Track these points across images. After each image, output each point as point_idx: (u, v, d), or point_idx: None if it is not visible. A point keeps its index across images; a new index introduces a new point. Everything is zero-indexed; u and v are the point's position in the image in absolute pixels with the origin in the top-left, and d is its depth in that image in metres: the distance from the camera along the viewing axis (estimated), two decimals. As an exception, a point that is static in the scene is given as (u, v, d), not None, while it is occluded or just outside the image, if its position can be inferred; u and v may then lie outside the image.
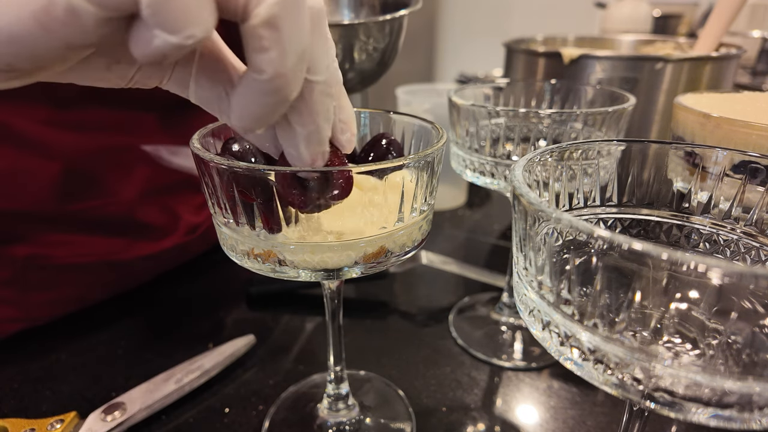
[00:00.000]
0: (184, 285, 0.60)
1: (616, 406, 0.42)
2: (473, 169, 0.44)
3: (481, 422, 0.41)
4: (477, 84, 0.54)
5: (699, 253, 0.28)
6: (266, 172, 0.24)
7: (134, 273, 0.57)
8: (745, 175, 0.26)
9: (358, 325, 0.53)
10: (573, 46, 0.85)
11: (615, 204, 0.29)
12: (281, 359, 0.48)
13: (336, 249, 0.26)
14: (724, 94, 0.42)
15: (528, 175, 0.25)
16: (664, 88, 0.59)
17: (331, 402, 0.41)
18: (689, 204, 0.28)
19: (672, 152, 0.28)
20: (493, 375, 0.46)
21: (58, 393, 0.43)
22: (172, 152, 0.53)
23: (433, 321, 0.54)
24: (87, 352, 0.49)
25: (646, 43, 0.85)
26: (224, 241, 0.29)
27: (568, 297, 0.21)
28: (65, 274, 0.50)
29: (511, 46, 0.72)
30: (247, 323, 0.53)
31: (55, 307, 0.51)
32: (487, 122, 0.42)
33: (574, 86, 0.51)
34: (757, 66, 1.51)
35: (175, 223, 0.57)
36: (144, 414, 0.40)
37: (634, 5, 1.36)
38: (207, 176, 0.26)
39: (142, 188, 0.51)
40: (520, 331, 0.52)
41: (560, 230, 0.21)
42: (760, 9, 1.65)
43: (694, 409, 0.19)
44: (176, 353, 0.47)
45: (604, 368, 0.20)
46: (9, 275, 0.47)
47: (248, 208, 0.25)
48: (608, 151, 0.29)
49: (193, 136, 0.28)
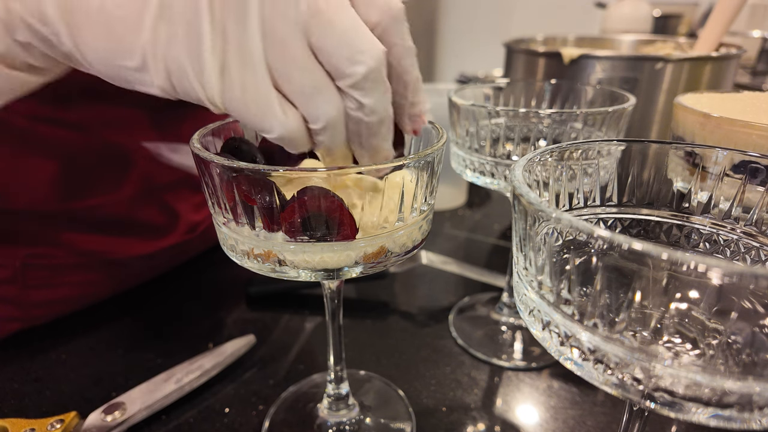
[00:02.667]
0: (184, 285, 0.60)
1: (616, 406, 0.42)
2: (473, 169, 0.44)
3: (481, 422, 0.41)
4: (477, 84, 0.54)
5: (699, 253, 0.28)
6: (267, 172, 0.24)
7: (134, 272, 0.56)
8: (745, 175, 0.26)
9: (358, 325, 0.53)
10: (573, 46, 0.85)
11: (615, 204, 0.29)
12: (281, 359, 0.48)
13: (336, 249, 0.26)
14: (724, 94, 0.42)
15: (528, 175, 0.25)
16: (664, 88, 0.59)
17: (331, 402, 0.41)
18: (689, 204, 0.28)
19: (672, 152, 0.28)
20: (493, 375, 0.46)
21: (58, 393, 0.43)
22: (172, 149, 0.53)
23: (433, 321, 0.54)
24: (87, 352, 0.49)
25: (646, 43, 0.85)
26: (224, 241, 0.29)
27: (568, 297, 0.21)
28: (65, 273, 0.50)
29: (511, 46, 0.72)
30: (247, 323, 0.53)
31: (55, 306, 0.51)
32: (487, 122, 0.42)
33: (574, 86, 0.51)
34: (757, 66, 1.51)
35: (174, 222, 0.57)
36: (144, 414, 0.40)
37: (635, 5, 1.36)
38: (207, 176, 0.26)
39: (140, 187, 0.51)
40: (520, 331, 0.52)
41: (560, 230, 0.21)
42: (760, 9, 1.65)
43: (694, 409, 0.19)
44: (176, 353, 0.47)
45: (604, 368, 0.20)
46: (9, 274, 0.47)
47: (248, 208, 0.25)
48: (608, 151, 0.29)
49: (194, 135, 0.28)
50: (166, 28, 0.21)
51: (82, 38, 0.22)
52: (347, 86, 0.23)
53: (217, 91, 0.22)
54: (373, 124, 0.24)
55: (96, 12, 0.21)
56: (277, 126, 0.22)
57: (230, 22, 0.21)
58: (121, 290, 0.57)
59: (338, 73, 0.22)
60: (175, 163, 0.54)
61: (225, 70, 0.21)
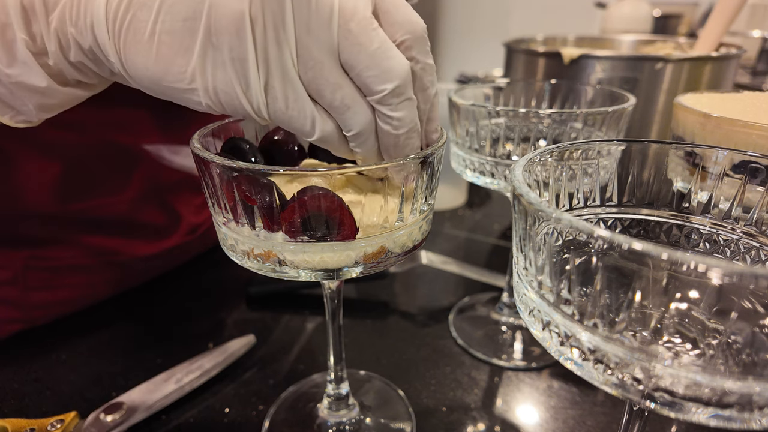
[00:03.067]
0: (184, 285, 0.60)
1: (616, 406, 0.42)
2: (473, 169, 0.44)
3: (481, 422, 0.41)
4: (477, 84, 0.54)
5: (699, 253, 0.28)
6: (267, 172, 0.24)
7: (134, 273, 0.56)
8: (745, 175, 0.26)
9: (358, 325, 0.53)
10: (573, 46, 0.85)
11: (615, 204, 0.29)
12: (281, 359, 0.48)
13: (336, 249, 0.26)
14: (724, 94, 0.42)
15: (528, 175, 0.25)
16: (664, 88, 0.59)
17: (331, 402, 0.41)
18: (689, 204, 0.28)
19: (672, 152, 0.28)
20: (493, 375, 0.46)
21: (58, 393, 0.43)
22: (173, 151, 0.53)
23: (433, 321, 0.54)
24: (87, 352, 0.49)
25: (646, 43, 0.85)
26: (224, 241, 0.29)
27: (568, 297, 0.21)
28: (66, 274, 0.50)
29: (511, 46, 0.72)
30: (247, 323, 0.53)
31: (56, 307, 0.51)
32: (487, 122, 0.42)
33: (574, 86, 0.51)
34: (757, 66, 1.51)
35: (176, 224, 0.57)
36: (144, 414, 0.40)
37: (634, 5, 1.36)
38: (207, 176, 0.26)
39: (142, 188, 0.51)
40: (520, 331, 0.52)
41: (560, 230, 0.21)
42: (760, 9, 1.65)
43: (694, 409, 0.19)
44: (176, 353, 0.47)
45: (604, 368, 0.20)
46: (9, 276, 0.47)
47: (248, 208, 0.25)
48: (608, 151, 0.29)
49: (194, 136, 0.28)
50: (213, 54, 0.23)
51: (132, 61, 0.24)
52: (376, 102, 0.25)
53: (264, 106, 0.24)
54: (401, 136, 0.26)
55: (147, 38, 0.23)
56: (317, 131, 0.25)
57: (271, 46, 0.23)
58: (122, 291, 0.57)
59: (368, 89, 0.25)
60: (176, 165, 0.54)
61: (269, 87, 0.24)
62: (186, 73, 0.23)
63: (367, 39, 0.23)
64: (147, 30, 0.23)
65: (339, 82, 0.24)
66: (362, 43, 0.23)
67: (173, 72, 0.24)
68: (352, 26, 0.23)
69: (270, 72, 0.23)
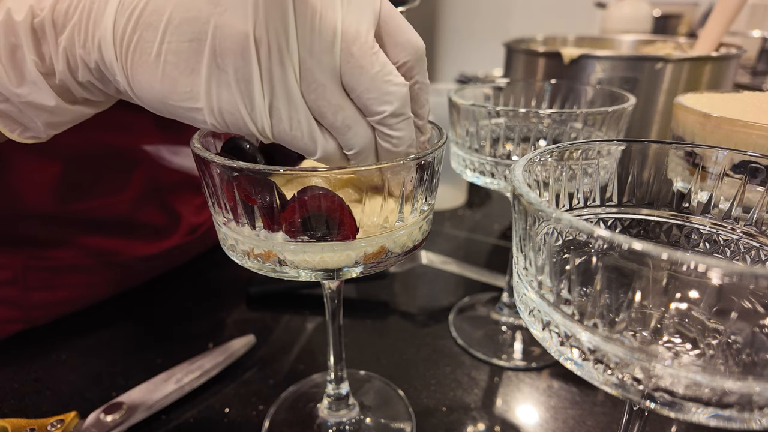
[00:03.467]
0: (185, 285, 0.60)
1: (616, 406, 0.42)
2: (473, 169, 0.44)
3: (481, 422, 0.41)
4: (477, 84, 0.54)
5: (699, 253, 0.28)
6: (267, 172, 0.24)
7: (134, 273, 0.57)
8: (745, 175, 0.26)
9: (358, 325, 0.53)
10: (573, 46, 0.85)
11: (615, 204, 0.29)
12: (281, 359, 0.48)
13: (336, 249, 0.26)
14: (724, 94, 0.42)
15: (528, 175, 0.25)
16: (664, 88, 0.59)
17: (331, 402, 0.41)
18: (689, 204, 0.28)
19: (672, 152, 0.28)
20: (493, 375, 0.46)
21: (58, 393, 0.43)
22: (173, 152, 0.53)
23: (433, 321, 0.54)
24: (87, 352, 0.49)
25: (646, 43, 0.85)
26: (224, 241, 0.29)
27: (568, 297, 0.21)
28: (65, 274, 0.50)
29: (511, 46, 0.72)
30: (247, 323, 0.53)
31: (56, 307, 0.51)
32: (487, 122, 0.42)
33: (574, 86, 0.51)
34: (757, 66, 1.51)
35: (176, 224, 0.57)
36: (144, 414, 0.40)
37: (635, 5, 1.36)
38: (207, 176, 0.26)
39: (142, 188, 0.51)
40: (520, 331, 0.52)
41: (560, 230, 0.21)
42: (760, 9, 1.65)
43: (694, 409, 0.19)
44: (176, 353, 0.47)
45: (604, 368, 0.20)
46: (9, 276, 0.47)
47: (248, 207, 0.25)
48: (608, 151, 0.29)
49: (194, 136, 0.28)
50: (218, 74, 0.23)
51: (138, 81, 0.24)
52: (376, 122, 0.26)
53: (268, 126, 0.24)
54: (401, 154, 0.27)
55: (153, 58, 0.23)
56: (320, 150, 0.26)
57: (275, 67, 0.23)
58: (122, 291, 0.57)
59: (368, 111, 0.25)
60: (175, 166, 0.54)
61: (273, 109, 0.24)
62: (191, 92, 0.24)
63: (368, 63, 0.24)
64: (153, 50, 0.23)
65: (341, 104, 0.25)
66: (363, 67, 0.24)
67: (179, 92, 0.24)
68: (354, 50, 0.24)
69: (274, 93, 0.23)
